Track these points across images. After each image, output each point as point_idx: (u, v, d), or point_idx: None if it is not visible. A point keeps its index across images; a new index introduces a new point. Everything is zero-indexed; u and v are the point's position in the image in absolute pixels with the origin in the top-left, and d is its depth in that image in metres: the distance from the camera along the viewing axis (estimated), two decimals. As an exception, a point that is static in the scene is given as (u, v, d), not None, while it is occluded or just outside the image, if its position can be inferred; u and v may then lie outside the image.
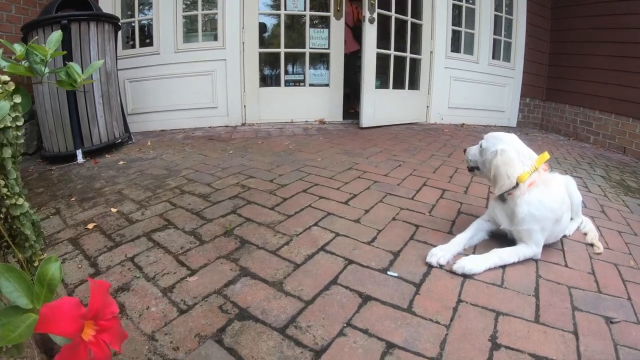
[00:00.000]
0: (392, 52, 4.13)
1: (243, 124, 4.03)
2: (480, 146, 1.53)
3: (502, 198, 1.46)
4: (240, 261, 1.30)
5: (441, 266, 1.35)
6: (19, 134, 0.77)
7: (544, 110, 5.15)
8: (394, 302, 1.12)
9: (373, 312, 1.07)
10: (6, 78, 0.79)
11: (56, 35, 0.88)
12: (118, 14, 3.59)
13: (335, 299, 1.11)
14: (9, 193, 0.69)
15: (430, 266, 1.36)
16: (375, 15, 3.77)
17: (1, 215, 0.72)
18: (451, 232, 1.63)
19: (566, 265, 1.44)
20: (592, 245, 1.62)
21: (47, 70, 0.89)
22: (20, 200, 0.71)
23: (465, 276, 1.28)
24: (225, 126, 3.97)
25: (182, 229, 1.58)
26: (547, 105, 5.10)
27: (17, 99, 0.81)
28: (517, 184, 1.39)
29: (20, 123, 0.79)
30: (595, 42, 4.33)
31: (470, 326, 1.04)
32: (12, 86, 0.79)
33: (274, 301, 1.09)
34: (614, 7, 4.09)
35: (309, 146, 3.08)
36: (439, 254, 1.41)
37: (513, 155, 1.40)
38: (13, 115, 0.79)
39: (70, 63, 0.92)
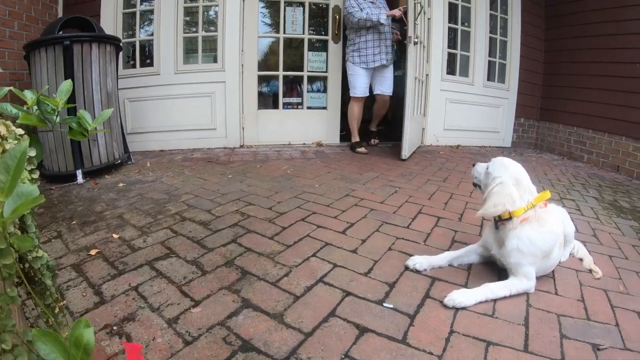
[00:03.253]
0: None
1: (241, 146, 4.14)
2: (487, 168, 1.60)
3: (496, 225, 1.55)
4: (242, 292, 1.38)
5: (417, 271, 1.56)
6: (36, 186, 0.84)
7: (538, 130, 5.30)
8: (390, 333, 1.20)
9: (369, 344, 1.14)
10: (20, 131, 0.86)
11: (66, 85, 0.95)
12: (119, 33, 3.74)
13: (334, 331, 1.19)
14: (31, 248, 0.76)
15: (407, 269, 1.58)
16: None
17: (22, 266, 0.79)
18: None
19: (556, 293, 1.52)
20: (590, 271, 1.71)
21: (58, 119, 0.96)
22: (41, 252, 0.78)
23: (456, 308, 1.36)
24: (224, 148, 4.07)
25: (184, 258, 1.66)
26: (541, 125, 5.26)
27: (32, 152, 0.87)
28: (511, 217, 1.47)
29: (36, 176, 0.84)
30: (587, 62, 4.49)
31: (462, 356, 1.12)
32: (27, 140, 0.85)
33: (275, 333, 1.16)
34: (604, 28, 4.26)
35: (307, 171, 3.18)
36: (418, 260, 1.59)
37: (510, 190, 1.46)
38: (29, 169, 0.86)
39: (81, 111, 0.98)
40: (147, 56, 3.99)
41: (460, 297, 1.37)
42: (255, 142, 4.21)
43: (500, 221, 1.51)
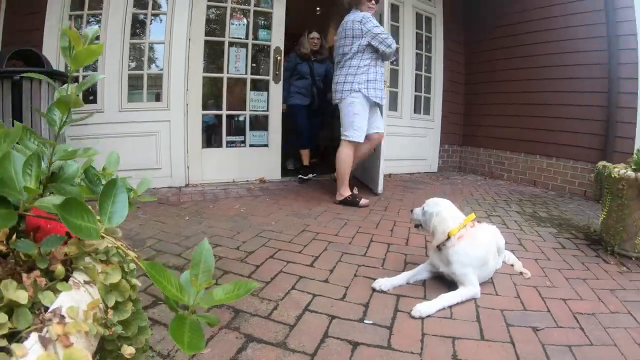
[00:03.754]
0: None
1: (187, 185, 4.23)
2: (423, 209, 2.07)
3: (439, 248, 1.97)
4: (241, 329, 1.56)
5: (382, 291, 1.90)
6: None
7: (461, 154, 6.13)
8: (377, 343, 1.49)
9: (364, 354, 1.41)
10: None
11: (115, 156, 1.06)
12: (61, 66, 3.67)
13: (333, 349, 1.44)
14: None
15: (374, 290, 1.91)
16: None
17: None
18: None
19: (497, 294, 1.94)
20: (521, 273, 2.18)
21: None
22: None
23: (422, 317, 1.69)
24: (169, 187, 4.13)
25: (171, 304, 1.78)
26: (463, 149, 6.10)
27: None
28: (449, 237, 1.90)
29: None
30: (500, 93, 5.40)
31: (437, 351, 1.45)
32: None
33: (285, 359, 1.38)
34: (511, 63, 5.21)
35: (259, 209, 3.41)
36: (382, 282, 1.94)
37: (446, 216, 1.94)
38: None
39: (123, 177, 1.09)
40: (90, 92, 3.96)
41: (424, 307, 1.72)
42: (200, 181, 4.33)
43: (442, 242, 1.93)
